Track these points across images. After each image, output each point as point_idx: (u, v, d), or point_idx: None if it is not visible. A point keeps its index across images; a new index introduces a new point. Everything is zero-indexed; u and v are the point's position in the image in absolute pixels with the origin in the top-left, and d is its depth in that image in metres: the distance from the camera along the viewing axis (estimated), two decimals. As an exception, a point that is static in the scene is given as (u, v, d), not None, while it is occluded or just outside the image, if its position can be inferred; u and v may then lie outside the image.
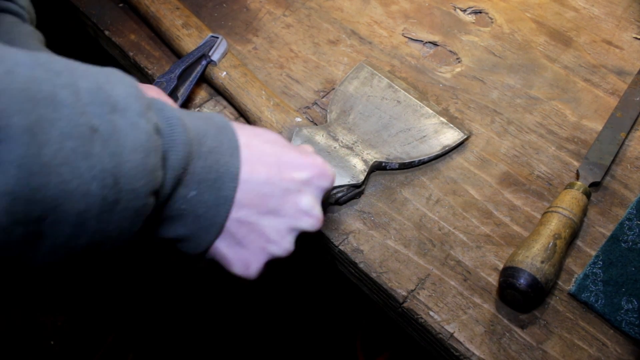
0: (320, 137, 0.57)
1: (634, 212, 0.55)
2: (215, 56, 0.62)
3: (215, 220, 0.39)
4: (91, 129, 0.30)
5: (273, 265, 0.44)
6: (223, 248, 0.41)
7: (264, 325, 1.20)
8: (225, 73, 0.62)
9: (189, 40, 0.65)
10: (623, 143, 0.60)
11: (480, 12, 0.74)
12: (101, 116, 0.31)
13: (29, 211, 0.28)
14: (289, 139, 0.57)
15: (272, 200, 0.41)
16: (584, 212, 0.53)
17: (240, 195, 0.39)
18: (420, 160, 0.58)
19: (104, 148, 0.31)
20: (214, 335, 1.22)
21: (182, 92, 0.62)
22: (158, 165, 0.34)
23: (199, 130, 0.38)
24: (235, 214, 0.40)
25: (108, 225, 0.32)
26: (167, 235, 0.39)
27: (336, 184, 0.54)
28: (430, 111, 0.61)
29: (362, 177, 0.55)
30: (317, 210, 0.43)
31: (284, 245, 0.42)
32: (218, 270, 0.45)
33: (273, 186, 0.40)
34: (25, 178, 0.28)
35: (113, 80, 0.33)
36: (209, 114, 0.41)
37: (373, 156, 0.57)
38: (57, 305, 1.26)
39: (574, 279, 0.52)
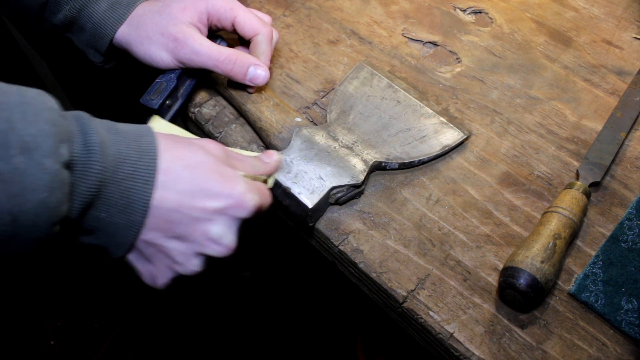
0: (320, 137, 0.57)
1: (634, 212, 0.55)
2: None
3: (124, 240, 0.42)
4: None
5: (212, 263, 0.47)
6: (133, 261, 0.45)
7: (264, 325, 1.20)
8: (225, 73, 0.62)
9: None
10: (623, 143, 0.60)
11: (480, 12, 0.74)
12: (5, 159, 0.33)
13: None
14: (289, 139, 0.57)
15: (180, 226, 0.43)
16: (584, 212, 0.53)
17: (150, 220, 0.42)
18: (420, 160, 0.58)
19: (3, 190, 0.32)
20: (214, 335, 1.21)
21: (182, 92, 0.62)
22: (63, 200, 0.36)
23: (118, 155, 0.40)
24: (144, 236, 0.42)
25: (10, 251, 0.35)
26: (84, 242, 0.42)
27: (336, 184, 0.54)
28: (430, 111, 0.61)
29: (362, 177, 0.55)
30: (228, 239, 0.44)
31: (188, 267, 0.45)
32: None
33: (182, 214, 0.42)
34: None
35: (28, 116, 0.34)
36: (140, 131, 0.42)
37: (373, 156, 0.57)
38: (57, 307, 1.26)
39: (574, 279, 0.52)
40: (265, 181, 0.52)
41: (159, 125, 0.51)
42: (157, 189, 0.41)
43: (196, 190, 0.42)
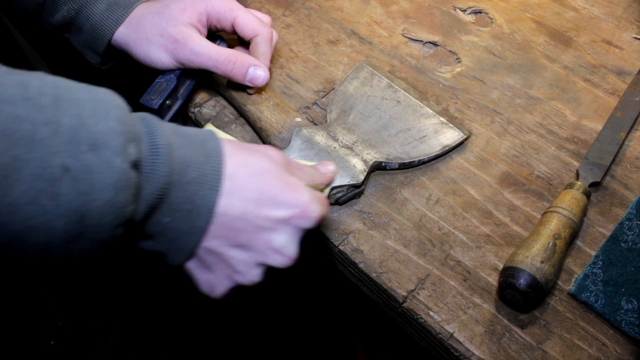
0: (320, 137, 0.57)
1: (634, 212, 0.55)
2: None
3: (186, 246, 0.41)
4: (63, 168, 0.32)
5: (239, 288, 0.46)
6: (192, 268, 0.44)
7: (264, 325, 1.20)
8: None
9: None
10: (623, 143, 0.60)
11: (480, 12, 0.74)
12: (76, 155, 0.32)
13: None
14: (289, 139, 0.57)
15: (244, 235, 0.42)
16: (584, 212, 0.53)
17: (213, 227, 0.41)
18: (420, 160, 0.58)
19: (73, 187, 0.32)
20: (214, 335, 1.21)
21: (182, 92, 0.62)
22: (129, 201, 0.35)
23: (184, 159, 0.39)
24: (206, 243, 0.41)
25: (72, 252, 0.34)
26: (143, 247, 0.41)
27: (336, 184, 0.54)
28: (430, 111, 0.61)
29: (362, 177, 0.55)
30: (290, 250, 0.43)
31: (249, 277, 0.44)
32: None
33: (246, 222, 0.41)
34: None
35: (99, 113, 0.34)
36: (205, 135, 0.41)
37: (373, 156, 0.57)
38: (57, 307, 1.26)
39: (573, 279, 0.52)
40: (321, 190, 0.50)
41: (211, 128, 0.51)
42: (222, 196, 0.40)
43: (262, 198, 0.41)
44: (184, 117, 0.66)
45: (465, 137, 0.60)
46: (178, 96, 0.61)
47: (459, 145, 0.60)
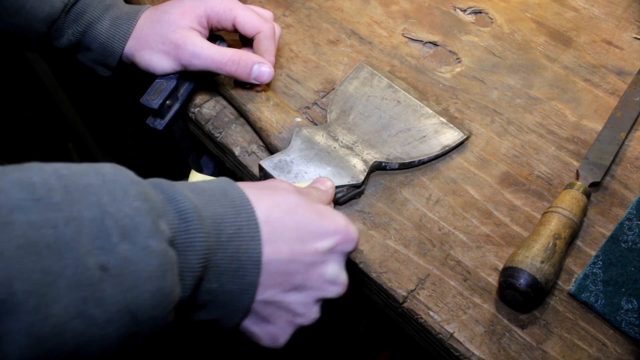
0: (320, 137, 0.57)
1: (634, 212, 0.55)
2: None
3: (239, 307, 0.39)
4: (100, 268, 0.28)
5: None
6: (250, 326, 0.41)
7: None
8: (225, 73, 0.62)
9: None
10: (623, 143, 0.60)
11: (480, 12, 0.74)
12: (110, 250, 0.29)
13: None
14: (289, 139, 0.57)
15: (297, 276, 0.40)
16: (584, 212, 0.53)
17: (265, 277, 0.38)
18: (420, 160, 0.58)
19: (116, 286, 0.29)
20: (214, 335, 1.21)
21: (182, 92, 0.62)
22: (175, 282, 0.32)
23: (215, 217, 0.36)
24: (261, 295, 0.39)
25: (131, 350, 0.31)
26: (193, 319, 0.38)
27: (336, 184, 0.54)
28: (430, 111, 0.61)
29: (362, 177, 0.55)
30: (343, 277, 0.42)
31: (310, 315, 0.42)
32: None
33: (297, 263, 0.39)
34: (37, 344, 0.26)
35: (117, 195, 0.31)
36: (222, 186, 0.39)
37: (373, 156, 0.57)
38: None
39: (574, 279, 0.52)
40: None
41: (196, 178, 0.49)
42: (265, 243, 0.37)
43: (303, 234, 0.39)
44: (184, 118, 0.66)
45: (465, 137, 0.60)
46: (178, 96, 0.61)
47: (459, 145, 0.60)
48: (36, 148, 1.37)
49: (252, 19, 0.59)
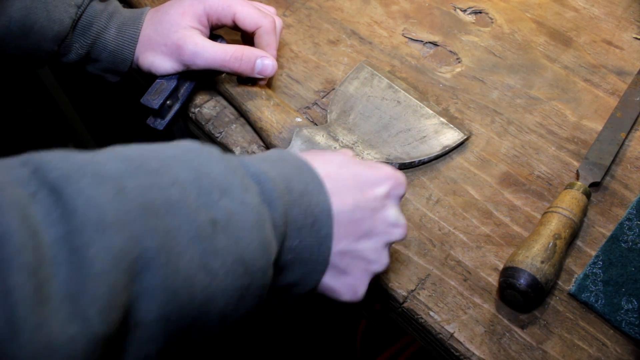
0: (321, 137, 0.57)
1: (634, 212, 0.55)
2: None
3: (320, 260, 0.40)
4: (211, 222, 0.30)
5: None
6: (330, 281, 0.42)
7: (264, 324, 1.20)
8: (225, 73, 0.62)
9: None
10: (623, 143, 0.60)
11: (480, 12, 0.74)
12: (214, 205, 0.31)
13: (179, 328, 0.28)
14: (289, 139, 0.57)
15: (365, 223, 0.41)
16: (584, 212, 0.53)
17: (337, 228, 0.40)
18: (420, 160, 0.58)
19: (228, 238, 0.30)
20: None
21: (182, 92, 0.62)
22: (272, 235, 0.34)
23: (283, 177, 0.37)
24: (336, 247, 0.40)
25: (242, 311, 0.33)
26: (278, 284, 0.39)
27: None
28: (430, 111, 0.61)
29: (362, 177, 0.55)
30: (402, 219, 0.44)
31: (382, 260, 0.43)
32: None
33: (362, 210, 0.41)
34: (173, 298, 0.27)
35: (203, 160, 0.33)
36: (277, 154, 0.41)
37: (373, 156, 0.57)
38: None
39: (574, 279, 0.52)
40: None
41: None
42: (331, 195, 0.39)
43: (361, 183, 0.41)
44: (185, 118, 0.66)
45: (465, 137, 0.60)
46: (178, 96, 0.61)
47: (459, 146, 0.60)
48: (36, 148, 1.37)
49: (251, 14, 0.58)
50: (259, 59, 0.58)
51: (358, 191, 0.41)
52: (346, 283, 0.42)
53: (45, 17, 0.55)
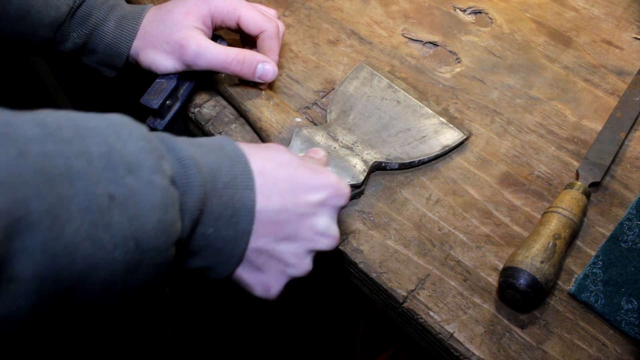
0: (320, 137, 0.57)
1: (634, 212, 0.55)
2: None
3: (234, 253, 0.40)
4: (109, 197, 0.31)
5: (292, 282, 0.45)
6: (243, 274, 0.43)
7: (263, 324, 1.20)
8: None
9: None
10: (623, 143, 0.60)
11: (480, 12, 0.74)
12: (117, 181, 0.31)
13: (56, 289, 0.29)
14: (289, 139, 0.57)
15: (289, 226, 0.41)
16: (584, 212, 0.53)
17: (257, 225, 0.40)
18: (420, 160, 0.58)
19: (122, 214, 0.31)
20: (214, 334, 1.22)
21: (182, 92, 0.62)
22: (177, 218, 0.34)
23: (212, 166, 0.38)
24: (253, 244, 0.41)
25: (133, 283, 0.33)
26: (188, 267, 0.40)
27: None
28: (430, 111, 0.61)
29: (362, 177, 0.55)
30: (334, 230, 0.44)
31: (302, 267, 0.43)
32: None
33: (288, 213, 0.41)
34: (51, 261, 0.28)
35: (123, 136, 0.33)
36: (219, 141, 0.41)
37: (373, 156, 0.57)
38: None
39: (573, 279, 0.52)
40: None
41: None
42: (258, 193, 0.40)
43: (295, 186, 0.42)
44: (184, 118, 0.66)
45: (465, 137, 0.60)
46: (178, 96, 0.61)
47: (459, 146, 0.60)
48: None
49: (256, 19, 0.59)
50: (261, 64, 0.58)
51: (289, 193, 0.41)
52: (260, 280, 0.43)
53: (43, 2, 0.55)
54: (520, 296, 0.47)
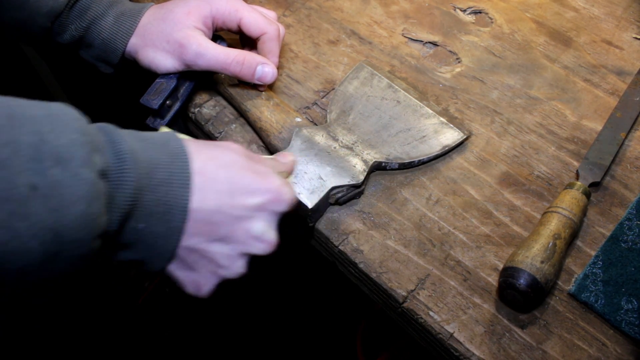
0: (320, 137, 0.57)
1: (634, 212, 0.55)
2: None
3: (165, 249, 0.40)
4: (30, 187, 0.31)
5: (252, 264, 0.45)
6: (175, 271, 0.43)
7: (264, 325, 1.20)
8: (225, 73, 0.62)
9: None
10: (623, 143, 0.60)
11: (480, 12, 0.74)
12: (41, 172, 0.31)
13: None
14: (289, 139, 0.57)
15: (223, 227, 0.41)
16: (584, 212, 0.53)
17: (190, 224, 0.40)
18: (420, 160, 0.58)
19: (43, 205, 0.31)
20: (214, 334, 1.22)
21: (182, 92, 0.62)
22: (102, 211, 0.34)
23: (150, 161, 0.38)
24: (185, 242, 0.41)
25: (52, 272, 0.33)
26: (120, 259, 0.40)
27: (336, 184, 0.54)
28: (430, 111, 0.61)
29: (362, 177, 0.55)
30: (270, 235, 0.44)
31: (234, 269, 0.44)
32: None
33: (223, 214, 0.41)
34: None
35: (58, 127, 0.33)
36: (166, 137, 0.41)
37: (373, 156, 0.57)
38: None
39: (573, 279, 0.52)
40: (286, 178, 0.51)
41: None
42: (194, 192, 0.40)
43: (234, 188, 0.42)
44: (184, 118, 0.66)
45: (465, 137, 0.60)
46: (178, 96, 0.61)
47: (459, 146, 0.60)
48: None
49: (257, 21, 0.59)
50: (260, 66, 0.58)
51: (227, 195, 0.41)
52: (191, 278, 0.43)
53: None
54: (520, 296, 0.47)
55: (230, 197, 0.41)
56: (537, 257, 0.48)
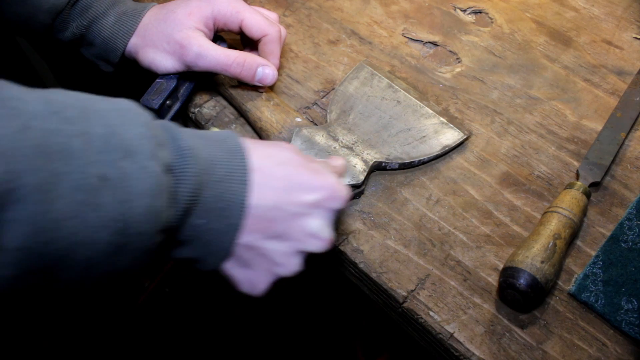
0: (320, 137, 0.57)
1: (634, 212, 0.55)
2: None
3: (222, 246, 0.40)
4: (101, 178, 0.31)
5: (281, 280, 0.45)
6: (230, 269, 0.43)
7: (264, 325, 1.20)
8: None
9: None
10: (623, 143, 0.60)
11: (480, 12, 0.74)
12: (111, 163, 0.32)
13: (39, 262, 0.30)
14: (289, 139, 0.57)
15: (279, 224, 0.41)
16: (584, 212, 0.53)
17: (248, 221, 0.40)
18: (420, 160, 0.58)
19: (113, 196, 0.32)
20: (214, 335, 1.22)
21: (182, 92, 0.62)
22: (166, 205, 0.35)
23: (210, 158, 0.39)
24: (243, 239, 0.41)
25: (117, 266, 0.34)
26: (177, 256, 0.40)
27: (336, 184, 0.54)
28: (430, 111, 0.61)
29: (362, 177, 0.55)
30: (326, 233, 0.43)
31: (290, 267, 0.43)
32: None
33: (280, 211, 0.41)
34: (36, 234, 0.29)
35: (126, 120, 0.34)
36: (224, 135, 0.42)
37: (373, 156, 0.57)
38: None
39: (574, 279, 0.52)
40: None
41: None
42: (253, 189, 0.40)
43: (291, 185, 0.42)
44: (184, 118, 0.66)
45: (465, 137, 0.60)
46: (178, 96, 0.61)
47: (459, 146, 0.60)
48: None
49: (259, 22, 0.59)
50: (261, 67, 0.58)
51: (284, 192, 0.41)
52: (246, 276, 0.43)
53: None
54: (520, 296, 0.47)
55: (287, 193, 0.41)
56: (537, 257, 0.48)
